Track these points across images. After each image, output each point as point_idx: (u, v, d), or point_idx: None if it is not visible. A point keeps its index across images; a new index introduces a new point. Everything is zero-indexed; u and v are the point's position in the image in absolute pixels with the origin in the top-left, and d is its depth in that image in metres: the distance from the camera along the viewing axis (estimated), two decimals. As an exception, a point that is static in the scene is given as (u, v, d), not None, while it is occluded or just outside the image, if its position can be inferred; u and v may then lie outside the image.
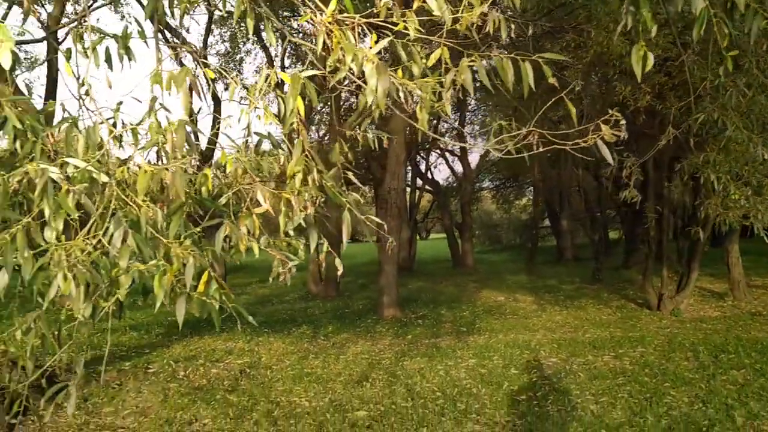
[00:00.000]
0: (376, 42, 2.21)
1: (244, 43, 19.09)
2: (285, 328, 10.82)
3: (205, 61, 2.69)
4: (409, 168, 22.89)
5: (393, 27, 2.31)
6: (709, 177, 6.38)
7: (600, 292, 14.19)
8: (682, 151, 8.57)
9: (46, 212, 1.89)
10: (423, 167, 25.77)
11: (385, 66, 1.97)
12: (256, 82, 2.38)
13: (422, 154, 25.03)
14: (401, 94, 2.04)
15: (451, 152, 25.80)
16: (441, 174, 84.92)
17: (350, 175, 2.75)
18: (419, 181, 25.46)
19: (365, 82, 2.09)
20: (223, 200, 2.28)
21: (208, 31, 17.22)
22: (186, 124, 2.00)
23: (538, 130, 2.23)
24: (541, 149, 2.25)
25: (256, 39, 18.40)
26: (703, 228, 8.79)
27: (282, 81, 2.39)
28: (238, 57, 18.59)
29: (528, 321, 10.91)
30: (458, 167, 26.15)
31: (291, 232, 2.44)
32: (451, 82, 2.11)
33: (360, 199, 2.61)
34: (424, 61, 2.40)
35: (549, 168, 21.91)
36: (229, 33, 18.46)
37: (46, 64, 10.11)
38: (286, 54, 18.55)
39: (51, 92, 9.55)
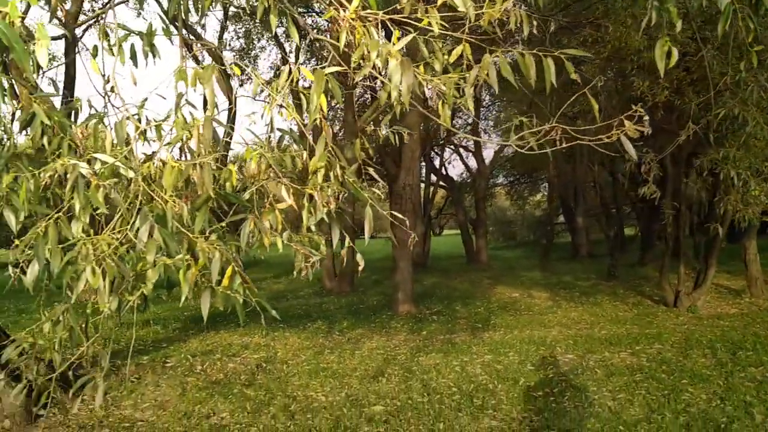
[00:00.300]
0: (399, 38, 2.22)
1: (259, 40, 19.17)
2: (300, 323, 10.87)
3: (220, 56, 2.72)
4: (423, 164, 22.87)
5: (415, 23, 2.31)
6: (729, 173, 6.32)
7: (616, 288, 14.11)
8: (701, 147, 8.50)
9: (76, 207, 1.93)
10: (437, 163, 25.74)
11: (409, 62, 1.98)
12: (272, 78, 2.40)
13: (436, 150, 24.99)
14: (426, 90, 2.05)
15: (466, 148, 25.73)
16: (455, 170, 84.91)
17: (371, 170, 2.77)
18: (433, 177, 25.43)
19: (389, 79, 2.10)
20: (246, 195, 2.30)
21: (224, 28, 17.30)
22: (212, 120, 2.03)
23: (561, 126, 2.22)
24: (563, 145, 2.25)
25: (271, 35, 18.47)
26: (721, 224, 8.71)
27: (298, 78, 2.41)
28: (252, 54, 18.65)
29: (543, 317, 10.88)
30: (472, 163, 26.10)
31: (313, 228, 2.46)
32: (474, 78, 2.12)
33: (380, 194, 2.63)
34: (445, 57, 2.40)
35: (564, 164, 21.80)
36: (243, 29, 18.56)
37: (64, 60, 10.20)
38: (301, 51, 18.63)
39: (69, 88, 9.64)
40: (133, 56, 2.52)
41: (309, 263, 2.26)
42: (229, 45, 18.31)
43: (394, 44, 2.09)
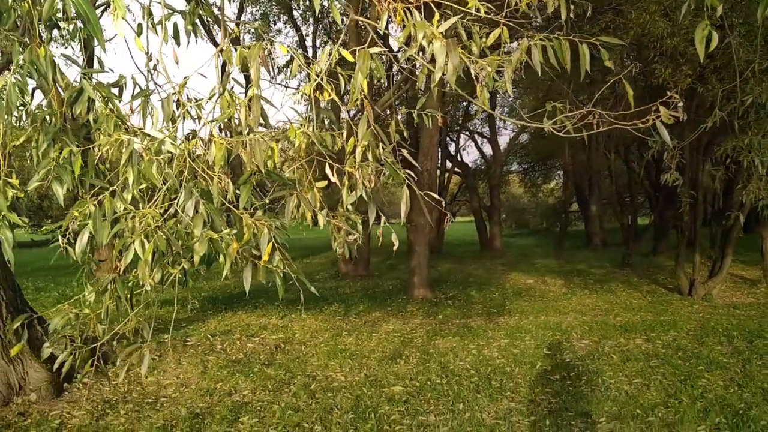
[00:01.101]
0: (439, 20, 2.26)
1: (275, 23, 19.19)
2: (317, 306, 10.98)
3: (263, 37, 2.76)
4: (439, 150, 22.85)
5: (455, 6, 2.35)
6: (753, 160, 6.32)
7: (630, 276, 14.11)
8: (720, 136, 8.46)
9: (130, 180, 2.00)
10: (452, 149, 25.70)
11: (455, 43, 2.02)
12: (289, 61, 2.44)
13: (451, 136, 24.94)
14: (473, 72, 2.09)
15: (481, 134, 25.66)
16: (469, 156, 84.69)
17: (405, 152, 2.82)
18: (448, 164, 25.41)
19: (430, 60, 2.14)
20: (288, 173, 2.36)
21: (242, 10, 17.33)
22: (261, 98, 2.08)
23: (598, 111, 2.26)
24: (601, 129, 2.28)
25: (287, 18, 18.48)
26: (741, 213, 8.69)
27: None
28: (269, 35, 18.65)
29: (558, 304, 10.92)
30: (487, 150, 26.03)
31: (350, 207, 2.52)
32: (517, 61, 2.16)
33: (413, 176, 2.68)
34: (483, 40, 2.44)
35: (580, 152, 21.70)
36: (260, 12, 18.58)
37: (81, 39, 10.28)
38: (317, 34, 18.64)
39: (89, 66, 9.72)
40: (176, 35, 2.58)
41: (350, 239, 2.32)
42: (245, 26, 18.34)
43: (437, 26, 2.13)
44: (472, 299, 11.65)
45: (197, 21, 2.50)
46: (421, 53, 2.28)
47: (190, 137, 2.31)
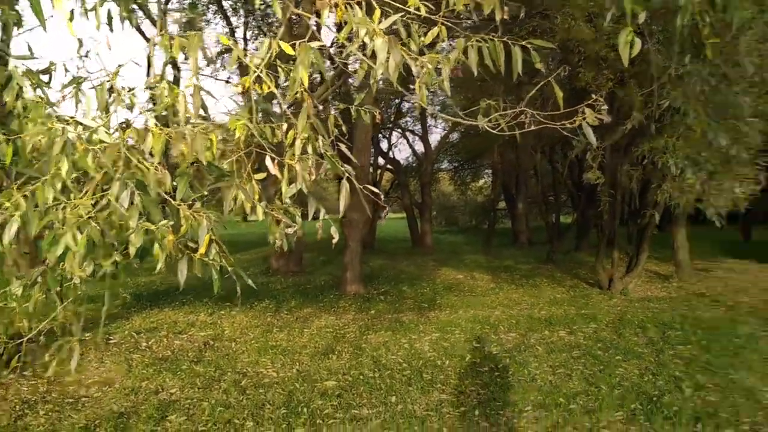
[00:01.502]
0: (380, 18, 2.30)
1: (204, 13, 18.71)
2: (247, 302, 10.83)
3: (200, 28, 2.73)
4: (371, 147, 22.93)
5: (396, 4, 2.40)
6: (667, 161, 6.71)
7: (554, 272, 14.66)
8: (638, 138, 8.92)
9: (63, 170, 1.93)
10: (384, 146, 25.86)
11: (396, 40, 2.07)
12: (220, 53, 2.43)
13: (384, 133, 25.10)
14: (413, 69, 2.14)
15: (413, 132, 25.94)
16: (401, 154, 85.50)
17: (342, 147, 2.85)
18: (380, 160, 25.56)
19: (371, 56, 2.18)
20: (226, 164, 2.34)
21: (169, -1, 16.78)
22: (200, 89, 2.06)
23: (530, 110, 2.36)
24: (532, 128, 2.39)
25: (217, 8, 18.06)
26: (656, 211, 9.20)
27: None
28: (197, 26, 18.17)
29: (486, 298, 11.23)
30: (419, 147, 26.34)
31: (287, 200, 2.53)
32: (455, 60, 2.23)
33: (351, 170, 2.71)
34: (421, 39, 2.50)
35: (508, 151, 22.28)
36: (189, 1, 18.06)
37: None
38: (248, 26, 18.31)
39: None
40: (110, 21, 2.51)
41: (290, 232, 2.33)
42: (170, 16, 17.80)
43: (378, 23, 2.17)
44: (404, 294, 11.80)
45: (134, 6, 2.44)
46: (361, 49, 2.32)
47: (125, 127, 2.26)
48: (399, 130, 25.86)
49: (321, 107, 12.65)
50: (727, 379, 5.98)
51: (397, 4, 2.35)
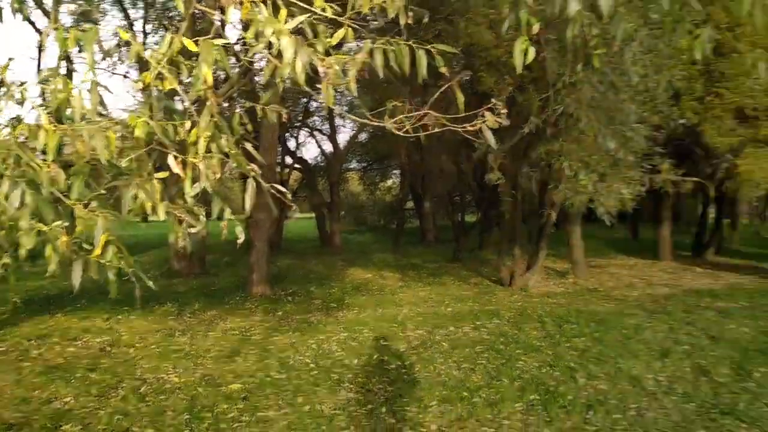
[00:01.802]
0: (287, 17, 2.29)
1: (100, 4, 17.79)
2: (146, 306, 10.40)
3: (96, 21, 2.61)
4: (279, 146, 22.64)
5: (302, 4, 2.39)
6: (562, 164, 7.09)
7: (459, 270, 15.10)
8: (537, 141, 9.36)
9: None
10: (291, 145, 25.60)
11: (302, 40, 2.07)
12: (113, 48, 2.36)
13: (292, 132, 24.85)
14: (320, 69, 2.15)
15: (321, 131, 25.84)
16: (309, 153, 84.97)
17: (248, 146, 2.81)
18: (288, 160, 25.28)
19: (277, 55, 2.17)
20: (125, 162, 2.25)
21: (62, -14, 15.81)
22: (97, 84, 1.97)
23: (434, 113, 2.43)
24: (435, 130, 2.46)
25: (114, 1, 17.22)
26: (553, 211, 9.69)
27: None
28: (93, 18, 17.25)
29: (394, 297, 11.40)
30: (328, 147, 26.28)
31: (191, 199, 2.46)
32: (361, 61, 2.25)
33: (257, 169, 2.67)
34: (328, 39, 2.51)
35: (415, 152, 22.67)
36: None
37: None
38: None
39: None
40: (-4, 12, 2.35)
41: (193, 232, 2.27)
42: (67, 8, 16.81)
43: (284, 22, 2.16)
44: (312, 295, 11.75)
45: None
46: (267, 48, 2.30)
47: (16, 123, 2.12)
48: (307, 129, 25.69)
49: (226, 105, 12.36)
50: (616, 368, 6.40)
51: (303, 5, 2.35)
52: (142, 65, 2.50)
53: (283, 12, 2.31)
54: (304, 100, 22.21)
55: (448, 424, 4.97)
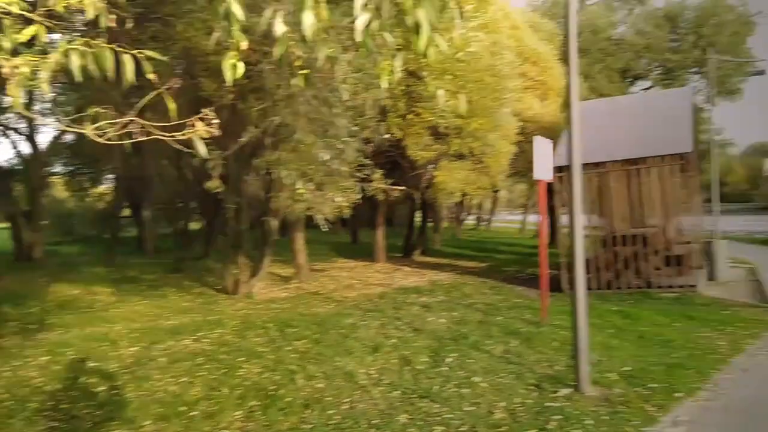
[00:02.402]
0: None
1: None
2: None
3: None
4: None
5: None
6: (281, 173, 7.35)
7: (182, 280, 14.53)
8: (261, 149, 9.54)
9: None
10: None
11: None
12: None
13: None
14: (5, 70, 1.94)
15: (17, 131, 22.62)
16: (2, 155, 73.56)
17: None
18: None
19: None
20: None
21: None
22: None
23: (140, 120, 2.37)
24: (141, 138, 2.40)
25: None
26: (275, 218, 9.95)
27: None
28: None
29: (107, 313, 10.51)
30: (26, 148, 23.09)
31: None
32: (55, 62, 2.09)
33: None
34: (16, 36, 2.28)
35: (132, 156, 21.22)
36: None
37: None
38: None
39: None
40: None
41: None
42: None
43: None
44: (6, 317, 10.19)
45: None
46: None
47: None
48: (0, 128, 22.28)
49: None
50: (333, 366, 6.85)
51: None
52: None
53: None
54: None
55: (164, 442, 4.80)
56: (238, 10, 2.60)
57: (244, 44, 2.60)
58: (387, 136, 11.96)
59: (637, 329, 9.14)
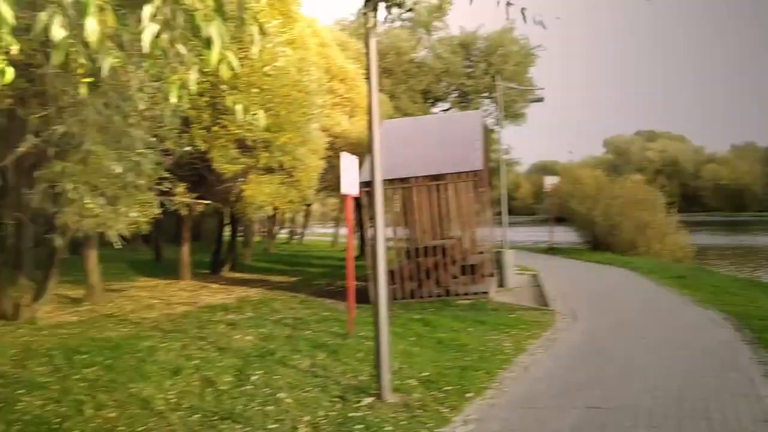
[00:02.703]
0: None
1: None
2: None
3: None
4: None
5: None
6: (66, 186, 6.73)
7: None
8: (45, 160, 8.66)
9: None
10: None
11: None
12: None
13: None
14: None
15: None
16: None
17: None
18: None
19: None
20: None
21: None
22: None
23: None
24: None
25: None
26: (62, 236, 9.09)
27: None
28: None
29: None
30: None
31: None
32: None
33: None
34: None
35: None
36: None
37: None
38: None
39: None
40: None
41: None
42: None
43: None
44: None
45: None
46: None
47: None
48: None
49: None
50: (127, 394, 6.40)
51: None
52: None
53: None
54: None
55: None
56: (7, 11, 2.39)
57: (14, 48, 2.39)
58: (189, 148, 11.54)
59: (436, 336, 9.83)
